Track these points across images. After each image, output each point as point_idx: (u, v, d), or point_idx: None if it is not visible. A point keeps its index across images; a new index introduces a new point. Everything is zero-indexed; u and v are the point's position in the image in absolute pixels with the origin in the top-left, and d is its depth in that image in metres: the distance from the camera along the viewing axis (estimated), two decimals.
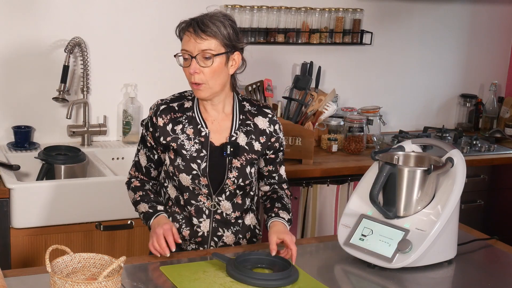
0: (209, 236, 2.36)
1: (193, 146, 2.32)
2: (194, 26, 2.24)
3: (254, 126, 2.39)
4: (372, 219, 2.29)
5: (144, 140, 2.41)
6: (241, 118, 2.38)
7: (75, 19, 3.35)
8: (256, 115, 2.41)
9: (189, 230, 2.37)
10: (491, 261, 2.44)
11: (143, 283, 2.04)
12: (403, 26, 4.08)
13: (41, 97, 3.36)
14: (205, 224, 2.36)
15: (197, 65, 2.24)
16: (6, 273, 2.03)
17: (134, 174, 2.47)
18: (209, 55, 2.23)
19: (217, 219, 2.36)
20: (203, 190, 2.33)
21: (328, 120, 3.68)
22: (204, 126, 2.34)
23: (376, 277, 2.18)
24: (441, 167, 2.25)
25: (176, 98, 2.40)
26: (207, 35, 2.23)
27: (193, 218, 2.36)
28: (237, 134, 2.35)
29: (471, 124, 4.32)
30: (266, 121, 2.41)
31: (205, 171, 2.31)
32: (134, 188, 2.43)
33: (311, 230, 3.35)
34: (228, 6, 3.58)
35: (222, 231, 2.37)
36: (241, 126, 2.37)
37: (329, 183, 3.35)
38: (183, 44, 2.28)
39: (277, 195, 2.46)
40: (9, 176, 2.93)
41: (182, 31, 2.28)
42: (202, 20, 2.24)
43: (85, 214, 2.94)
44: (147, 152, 2.41)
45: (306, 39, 3.78)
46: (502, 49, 4.42)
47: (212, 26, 2.23)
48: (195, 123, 2.34)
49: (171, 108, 2.36)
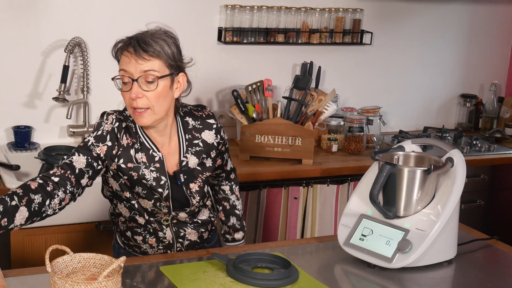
0: (174, 241, 2.35)
1: (150, 174, 2.19)
2: (134, 45, 2.05)
3: (203, 144, 2.27)
4: (372, 219, 2.29)
5: (89, 150, 2.12)
6: (187, 138, 2.26)
7: (75, 19, 3.35)
8: (202, 129, 2.27)
9: (154, 238, 2.33)
10: (491, 261, 2.44)
11: (143, 283, 2.04)
12: (403, 26, 4.08)
13: (41, 97, 3.36)
14: (168, 233, 2.33)
15: (139, 89, 2.06)
16: (6, 273, 2.03)
17: (54, 172, 2.04)
18: (152, 77, 2.06)
19: (175, 223, 2.33)
20: (163, 210, 2.27)
21: (328, 120, 3.68)
22: (156, 150, 2.20)
23: (376, 277, 2.18)
24: (441, 167, 2.25)
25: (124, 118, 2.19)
26: (150, 55, 2.05)
27: (157, 232, 2.31)
28: (187, 158, 2.25)
29: (471, 124, 4.32)
30: (213, 133, 2.29)
31: (168, 197, 2.23)
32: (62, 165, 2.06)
33: (311, 230, 3.35)
34: (228, 6, 3.58)
35: (184, 231, 2.35)
36: (189, 148, 2.25)
37: (329, 183, 3.35)
38: (121, 64, 2.09)
39: (229, 204, 2.49)
40: (9, 176, 2.93)
41: (120, 50, 2.09)
42: (142, 39, 2.06)
43: (85, 214, 2.94)
44: (90, 160, 2.11)
45: (306, 39, 3.78)
46: (502, 49, 4.42)
47: (154, 45, 2.05)
48: (145, 148, 2.19)
49: (128, 129, 2.18)
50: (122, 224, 2.33)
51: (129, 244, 2.37)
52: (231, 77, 3.67)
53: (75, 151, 2.13)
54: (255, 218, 3.28)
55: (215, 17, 3.62)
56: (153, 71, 2.06)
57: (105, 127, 2.16)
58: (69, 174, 2.06)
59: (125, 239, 2.37)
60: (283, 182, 3.29)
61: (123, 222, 2.32)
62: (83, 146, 2.14)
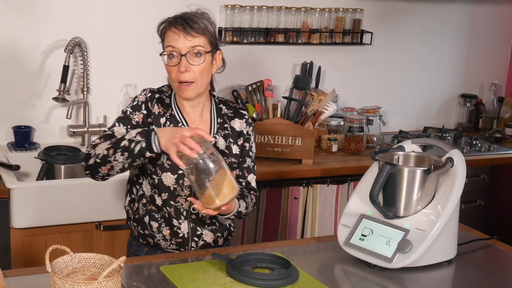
0: (189, 237, 2.34)
1: None
2: (182, 23, 2.20)
3: (232, 129, 2.37)
4: (372, 219, 2.29)
5: (127, 118, 2.26)
6: (219, 121, 2.36)
7: (75, 19, 3.35)
8: (232, 117, 2.39)
9: (169, 230, 2.33)
10: (491, 261, 2.44)
11: (143, 283, 2.04)
12: (403, 26, 4.08)
13: (41, 97, 3.36)
14: (184, 226, 2.33)
15: (187, 63, 2.20)
16: (6, 273, 2.03)
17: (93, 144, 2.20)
18: (199, 52, 2.20)
19: (193, 219, 2.34)
20: (185, 192, 2.29)
21: (328, 120, 3.68)
22: (185, 123, 2.31)
23: (376, 277, 2.18)
24: (441, 167, 2.25)
25: (159, 91, 2.34)
26: (196, 32, 2.20)
27: (172, 219, 2.32)
28: (216, 138, 2.33)
29: (471, 124, 4.32)
30: (243, 122, 2.40)
31: None
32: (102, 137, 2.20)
33: (311, 230, 3.35)
34: (228, 6, 3.58)
35: (201, 230, 2.35)
36: (219, 130, 2.35)
37: (329, 183, 3.35)
38: (168, 41, 2.22)
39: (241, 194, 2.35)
40: (9, 176, 2.93)
41: (166, 28, 2.23)
42: (188, 17, 2.22)
43: (85, 214, 2.94)
44: (130, 128, 2.24)
45: (306, 39, 3.78)
46: (502, 49, 4.43)
47: (200, 23, 2.21)
48: (175, 121, 2.30)
49: (161, 99, 2.31)
50: (142, 207, 2.33)
51: (143, 234, 2.36)
52: (231, 77, 3.67)
53: (116, 122, 2.26)
54: (255, 218, 3.28)
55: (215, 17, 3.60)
56: (200, 47, 2.21)
57: (140, 98, 2.30)
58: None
59: (142, 227, 2.35)
60: (283, 182, 3.29)
61: (144, 205, 2.33)
62: (122, 116, 2.27)
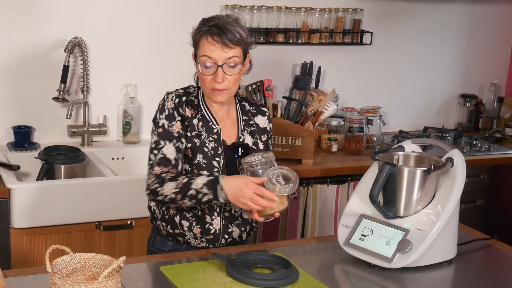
0: (220, 233, 2.37)
1: (209, 144, 2.32)
2: (219, 34, 2.21)
3: (256, 126, 2.42)
4: (372, 219, 2.29)
5: (167, 132, 2.29)
6: (244, 119, 2.41)
7: (75, 19, 3.35)
8: (255, 114, 2.44)
9: (200, 228, 2.35)
10: (491, 261, 2.44)
11: (143, 283, 2.04)
12: (403, 26, 4.08)
13: (41, 97, 3.36)
14: (216, 222, 2.36)
15: (224, 74, 2.23)
16: (6, 273, 2.03)
17: (162, 171, 2.27)
18: (235, 63, 2.24)
19: (226, 216, 2.37)
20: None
21: (328, 120, 3.68)
22: (215, 123, 2.35)
23: (376, 277, 2.18)
24: (441, 167, 2.25)
25: (185, 93, 2.36)
26: (234, 43, 2.22)
27: (205, 216, 2.35)
28: (243, 135, 2.38)
29: (471, 124, 4.32)
30: (265, 119, 2.45)
31: (224, 168, 2.33)
32: (171, 178, 2.25)
33: (311, 230, 3.35)
34: (228, 6, 3.58)
35: (231, 227, 2.39)
36: (246, 127, 2.40)
37: (329, 183, 3.35)
38: (204, 50, 2.23)
39: None
40: (9, 176, 2.93)
41: (202, 36, 2.24)
42: (225, 27, 2.22)
43: (85, 214, 2.94)
44: (176, 143, 2.29)
45: (306, 39, 3.78)
46: (502, 49, 4.43)
47: (236, 34, 2.22)
48: (205, 120, 2.34)
49: (190, 101, 2.34)
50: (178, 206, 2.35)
51: (173, 233, 2.37)
52: None
53: (158, 139, 2.29)
54: None
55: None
56: (236, 57, 2.25)
57: (168, 105, 2.31)
58: (170, 168, 2.28)
59: (171, 227, 2.37)
60: None
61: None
62: (162, 132, 2.29)
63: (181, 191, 2.21)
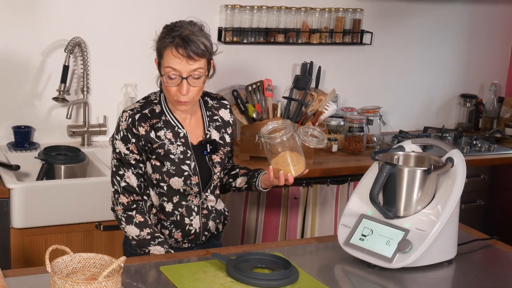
0: (200, 231, 2.42)
1: (177, 149, 2.33)
2: (184, 46, 2.17)
3: (221, 120, 2.44)
4: (372, 219, 2.29)
5: (125, 160, 2.31)
6: (208, 114, 2.43)
7: (75, 19, 3.35)
8: (218, 108, 2.46)
9: (180, 232, 2.40)
10: (491, 261, 2.44)
11: (143, 283, 2.04)
12: (403, 26, 4.08)
13: (41, 97, 3.36)
14: (196, 221, 2.40)
15: (188, 86, 2.22)
16: (6, 273, 2.03)
17: (129, 201, 2.34)
18: (200, 75, 2.23)
19: (204, 214, 2.42)
20: (194, 189, 2.37)
21: (328, 120, 3.68)
22: (181, 127, 2.35)
23: (376, 277, 2.18)
24: (441, 167, 2.25)
25: (144, 104, 2.35)
26: (199, 56, 2.20)
27: (184, 218, 2.39)
28: (210, 131, 2.40)
29: (471, 124, 4.32)
30: (227, 112, 2.48)
31: (195, 170, 2.35)
32: (139, 224, 2.33)
33: (311, 230, 3.34)
34: (228, 6, 3.58)
35: (209, 223, 2.44)
36: (211, 123, 2.42)
37: (329, 183, 3.35)
38: (168, 62, 2.20)
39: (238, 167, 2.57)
40: (9, 176, 2.93)
41: (167, 47, 2.21)
42: (189, 38, 2.18)
43: (85, 214, 2.94)
44: (134, 170, 2.33)
45: (306, 39, 3.78)
46: (502, 49, 4.42)
47: (201, 45, 2.19)
48: (171, 126, 2.34)
49: (145, 115, 2.32)
50: (154, 217, 2.40)
51: None
52: (231, 77, 3.67)
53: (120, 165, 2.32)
54: (255, 218, 3.28)
55: (215, 17, 3.62)
56: (200, 69, 2.23)
57: (122, 126, 2.31)
58: (135, 196, 2.34)
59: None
60: None
61: (154, 214, 2.40)
62: (120, 159, 2.31)
63: (138, 244, 2.32)
